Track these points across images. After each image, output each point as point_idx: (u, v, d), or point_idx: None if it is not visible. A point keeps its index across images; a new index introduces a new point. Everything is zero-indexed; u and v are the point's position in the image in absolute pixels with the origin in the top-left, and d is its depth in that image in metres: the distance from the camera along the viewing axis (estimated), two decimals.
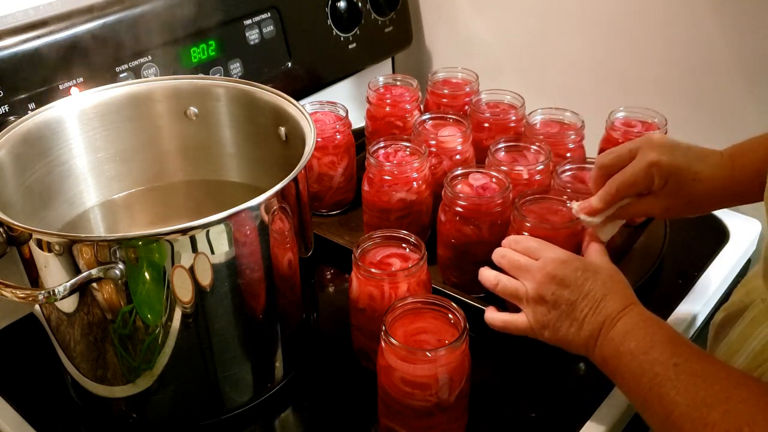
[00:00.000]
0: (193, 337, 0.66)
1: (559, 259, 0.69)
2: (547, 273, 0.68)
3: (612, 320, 0.64)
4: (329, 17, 1.09)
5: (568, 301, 0.67)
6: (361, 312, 0.74)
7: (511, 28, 1.17)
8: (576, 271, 0.68)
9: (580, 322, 0.66)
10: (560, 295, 0.67)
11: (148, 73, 0.89)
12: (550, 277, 0.68)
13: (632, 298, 0.66)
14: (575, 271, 0.68)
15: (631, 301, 0.66)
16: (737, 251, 0.95)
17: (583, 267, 0.68)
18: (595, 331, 0.65)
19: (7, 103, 0.78)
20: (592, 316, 0.65)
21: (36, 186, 0.75)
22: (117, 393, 0.70)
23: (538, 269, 0.69)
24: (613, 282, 0.68)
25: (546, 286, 0.68)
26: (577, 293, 0.67)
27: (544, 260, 0.70)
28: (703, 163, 0.70)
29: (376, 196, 0.89)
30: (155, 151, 0.84)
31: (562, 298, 0.67)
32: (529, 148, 0.91)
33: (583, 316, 0.66)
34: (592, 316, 0.65)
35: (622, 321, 0.64)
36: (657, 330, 0.62)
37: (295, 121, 0.74)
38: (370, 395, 0.70)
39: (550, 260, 0.69)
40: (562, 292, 0.67)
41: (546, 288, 0.68)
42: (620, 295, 0.66)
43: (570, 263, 0.69)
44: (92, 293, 0.63)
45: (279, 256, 0.69)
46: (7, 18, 0.82)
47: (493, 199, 0.81)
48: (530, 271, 0.70)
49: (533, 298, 0.69)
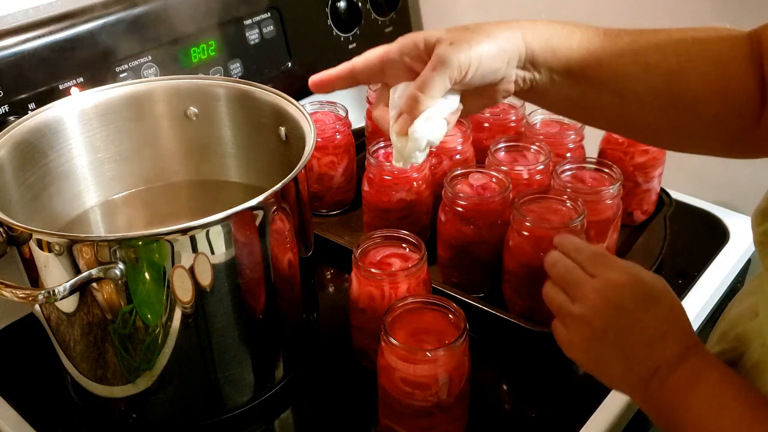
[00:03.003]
0: (193, 337, 0.66)
1: (619, 282, 0.58)
2: (603, 297, 0.58)
3: (671, 365, 0.54)
4: (329, 17, 1.09)
5: (620, 331, 0.57)
6: (361, 312, 0.74)
7: None
8: (636, 298, 0.57)
9: (630, 360, 0.56)
10: (612, 323, 0.57)
11: (148, 73, 0.89)
12: (605, 302, 0.58)
13: (694, 337, 0.57)
14: (635, 299, 0.57)
15: (692, 341, 0.56)
16: (737, 251, 0.95)
17: (645, 294, 0.58)
18: (647, 374, 0.55)
19: (7, 103, 0.78)
20: (647, 356, 0.56)
21: (36, 186, 0.75)
22: (117, 393, 0.70)
23: (593, 290, 0.59)
24: (675, 315, 0.58)
25: (598, 312, 0.58)
26: (633, 325, 0.57)
27: (603, 282, 0.59)
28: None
29: (376, 196, 0.89)
30: (155, 151, 0.84)
31: (613, 327, 0.57)
32: (529, 148, 0.91)
33: (636, 353, 0.56)
34: (648, 355, 0.56)
35: (683, 367, 0.54)
36: (727, 385, 0.53)
37: (295, 121, 0.74)
38: (370, 395, 0.70)
39: (610, 284, 0.59)
40: (616, 321, 0.57)
41: (597, 314, 0.58)
42: (682, 333, 0.57)
43: (631, 288, 0.58)
44: (92, 293, 0.63)
45: (279, 256, 0.69)
46: (7, 18, 0.82)
47: (493, 199, 0.81)
48: (582, 289, 0.60)
49: (580, 318, 0.59)
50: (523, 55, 0.59)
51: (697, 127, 0.61)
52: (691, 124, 0.60)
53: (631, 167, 0.92)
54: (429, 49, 0.58)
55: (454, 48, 0.57)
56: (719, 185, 1.04)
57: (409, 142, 0.59)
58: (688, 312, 0.84)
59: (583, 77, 0.60)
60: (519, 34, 0.59)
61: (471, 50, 0.57)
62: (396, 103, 0.61)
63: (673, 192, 1.01)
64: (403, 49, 0.60)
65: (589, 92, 0.61)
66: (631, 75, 0.59)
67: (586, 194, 0.81)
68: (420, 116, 0.58)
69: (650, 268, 0.87)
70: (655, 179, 0.94)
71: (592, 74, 0.60)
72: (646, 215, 0.97)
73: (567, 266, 0.63)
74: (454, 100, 0.60)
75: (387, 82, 0.63)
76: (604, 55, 0.59)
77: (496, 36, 0.59)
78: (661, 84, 0.59)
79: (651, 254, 0.90)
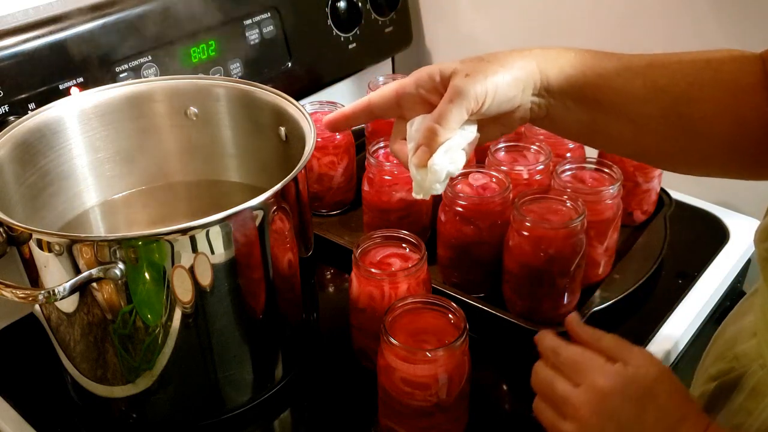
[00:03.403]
0: (193, 337, 0.66)
1: (607, 389, 0.54)
2: (593, 411, 0.54)
3: None
4: (329, 17, 1.09)
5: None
6: (361, 312, 0.74)
7: (511, 27, 1.17)
8: (629, 401, 0.53)
9: None
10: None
11: (148, 73, 0.89)
12: (598, 416, 0.54)
13: (705, 418, 0.53)
14: (629, 403, 0.53)
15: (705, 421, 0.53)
16: (737, 251, 0.95)
17: (638, 394, 0.53)
18: None
19: (7, 103, 0.78)
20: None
21: (36, 186, 0.75)
22: (117, 393, 0.70)
23: (582, 405, 0.54)
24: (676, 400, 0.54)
25: (593, 429, 0.54)
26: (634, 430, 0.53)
27: (590, 392, 0.54)
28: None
29: (376, 196, 0.89)
30: (155, 151, 0.84)
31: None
32: (529, 148, 0.91)
33: None
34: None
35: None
36: None
37: (295, 121, 0.74)
38: (370, 395, 0.70)
39: (598, 393, 0.54)
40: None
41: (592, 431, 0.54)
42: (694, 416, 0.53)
43: (622, 392, 0.53)
44: (92, 293, 0.63)
45: (279, 256, 0.69)
46: (7, 18, 0.82)
47: (493, 199, 0.81)
48: (570, 404, 0.55)
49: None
50: (538, 82, 0.59)
51: (711, 152, 0.60)
52: (705, 149, 0.60)
53: (631, 167, 0.92)
54: (444, 81, 0.59)
55: (470, 79, 0.57)
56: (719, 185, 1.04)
57: (429, 174, 0.59)
58: (688, 312, 0.86)
59: (596, 102, 0.60)
60: (533, 62, 0.59)
61: (487, 81, 0.57)
62: (413, 136, 0.60)
63: (673, 192, 1.01)
64: (418, 82, 0.60)
65: (602, 117, 0.60)
66: (640, 99, 0.59)
67: (586, 194, 0.81)
68: (439, 149, 0.58)
69: (650, 268, 0.87)
70: (655, 179, 0.94)
71: (604, 99, 0.60)
72: (646, 215, 0.97)
73: (547, 379, 0.58)
74: (471, 131, 0.60)
75: (403, 116, 0.63)
76: (616, 79, 0.59)
77: (510, 65, 0.59)
78: (670, 108, 0.58)
79: (651, 254, 0.90)
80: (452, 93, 0.57)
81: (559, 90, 0.60)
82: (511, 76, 0.58)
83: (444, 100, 0.58)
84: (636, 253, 0.91)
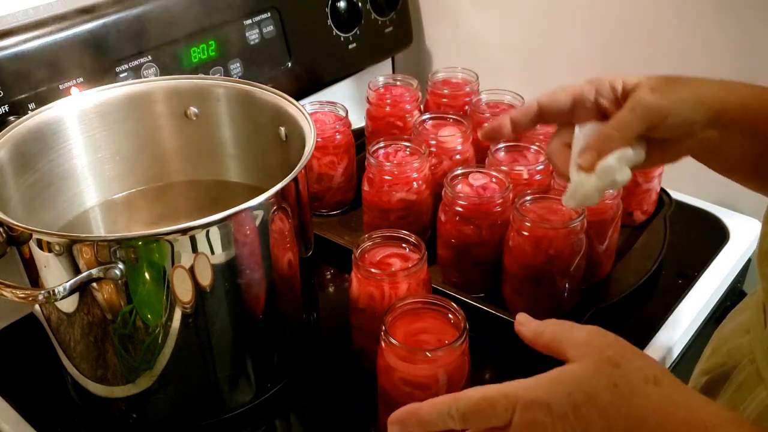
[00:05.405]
0: (193, 337, 0.66)
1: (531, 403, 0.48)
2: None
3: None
4: (329, 17, 1.09)
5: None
6: (361, 312, 0.74)
7: (511, 27, 1.17)
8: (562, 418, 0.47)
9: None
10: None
11: (148, 73, 0.89)
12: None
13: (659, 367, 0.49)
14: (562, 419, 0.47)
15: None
16: (737, 251, 0.95)
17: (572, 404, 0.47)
18: None
19: (7, 103, 0.78)
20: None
21: (36, 186, 0.75)
22: (117, 393, 0.70)
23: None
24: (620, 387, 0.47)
25: None
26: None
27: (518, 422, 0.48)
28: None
29: (376, 196, 0.89)
30: (155, 151, 0.84)
31: None
32: (529, 148, 0.91)
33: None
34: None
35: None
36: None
37: (295, 121, 0.74)
38: (370, 395, 0.70)
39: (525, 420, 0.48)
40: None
41: None
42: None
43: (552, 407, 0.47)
44: (92, 293, 0.63)
45: (279, 256, 0.69)
46: (7, 18, 0.82)
47: (493, 199, 0.81)
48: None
49: None
50: (719, 110, 0.58)
51: None
52: None
53: None
54: (626, 93, 0.59)
55: (655, 94, 0.57)
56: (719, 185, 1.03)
57: (596, 177, 0.58)
58: (688, 312, 0.86)
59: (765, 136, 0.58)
60: (716, 89, 0.59)
61: (673, 96, 0.57)
62: (582, 140, 0.60)
63: (673, 192, 1.01)
64: (599, 91, 0.60)
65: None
66: None
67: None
68: (609, 156, 0.58)
69: (650, 268, 0.87)
70: (655, 179, 0.94)
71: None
72: (646, 215, 0.97)
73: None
74: (639, 152, 0.60)
75: (572, 122, 0.63)
76: None
77: (697, 88, 0.58)
78: None
79: (651, 254, 0.90)
80: (635, 103, 0.57)
81: (735, 121, 0.59)
82: (696, 98, 0.58)
83: (625, 108, 0.58)
84: (636, 253, 0.91)
